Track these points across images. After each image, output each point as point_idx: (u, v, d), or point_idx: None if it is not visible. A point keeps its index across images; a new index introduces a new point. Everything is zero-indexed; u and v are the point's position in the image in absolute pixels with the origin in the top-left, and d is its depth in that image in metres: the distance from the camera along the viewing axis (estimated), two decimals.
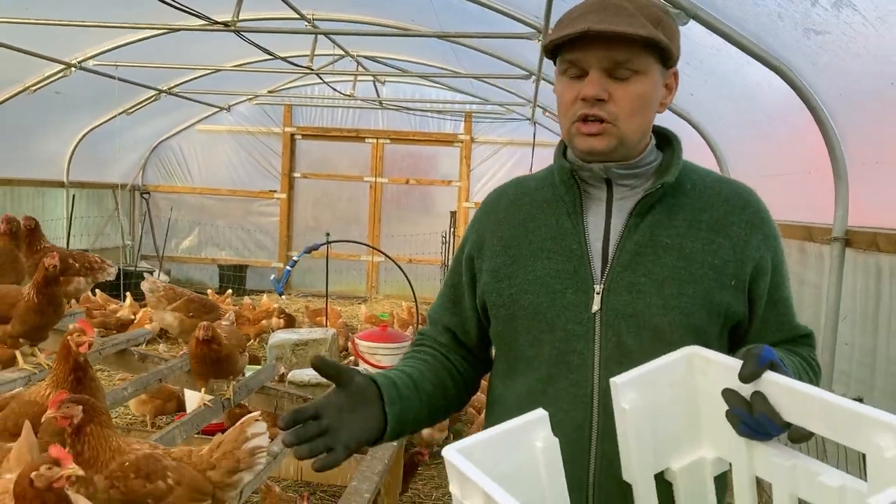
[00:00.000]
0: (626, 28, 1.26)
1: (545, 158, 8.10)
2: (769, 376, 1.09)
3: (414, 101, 10.81)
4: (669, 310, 1.34)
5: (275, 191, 11.54)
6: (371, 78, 9.88)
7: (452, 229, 10.30)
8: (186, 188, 11.63)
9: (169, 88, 9.52)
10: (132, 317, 7.46)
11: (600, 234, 1.40)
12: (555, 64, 1.40)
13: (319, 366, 1.29)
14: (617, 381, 1.17)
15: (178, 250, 11.58)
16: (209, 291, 8.55)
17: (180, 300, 4.14)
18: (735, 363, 1.13)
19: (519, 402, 1.40)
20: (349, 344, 5.85)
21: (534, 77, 6.75)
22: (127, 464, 1.83)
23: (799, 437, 1.09)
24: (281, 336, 5.49)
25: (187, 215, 11.57)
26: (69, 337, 2.21)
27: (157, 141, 11.49)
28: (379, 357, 5.61)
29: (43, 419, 1.82)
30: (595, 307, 1.36)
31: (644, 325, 1.35)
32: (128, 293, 8.20)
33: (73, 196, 9.56)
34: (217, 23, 5.38)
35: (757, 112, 4.36)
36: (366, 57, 9.14)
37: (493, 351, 1.58)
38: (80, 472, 1.61)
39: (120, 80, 8.01)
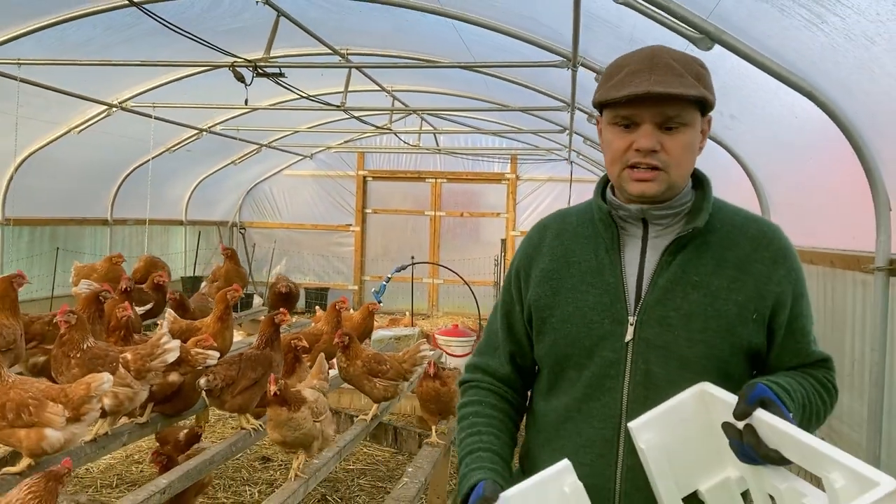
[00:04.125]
0: (680, 89, 1.40)
1: (581, 193, 10.02)
2: (759, 414, 1.26)
3: (467, 148, 12.80)
4: (695, 343, 1.46)
5: (350, 224, 13.60)
6: (432, 129, 11.91)
7: (503, 254, 12.19)
8: (276, 224, 13.77)
9: (269, 143, 11.69)
10: None
11: (635, 270, 1.53)
12: (600, 113, 1.54)
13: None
14: (633, 426, 1.33)
15: (270, 276, 13.68)
16: (317, 309, 10.61)
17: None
18: (734, 399, 1.30)
19: (557, 417, 1.59)
20: (430, 339, 7.81)
21: (567, 131, 8.68)
22: (370, 355, 3.84)
23: (772, 461, 1.25)
24: (381, 333, 7.50)
25: (277, 246, 13.69)
26: (337, 304, 4.30)
27: (252, 185, 13.68)
28: (453, 347, 7.56)
29: (322, 342, 3.89)
30: (628, 337, 1.49)
31: (671, 356, 1.47)
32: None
33: (199, 233, 11.77)
34: (334, 105, 7.46)
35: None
36: (429, 113, 11.18)
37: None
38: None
39: (240, 140, 10.20)
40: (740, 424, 1.27)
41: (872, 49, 2.56)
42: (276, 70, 5.99)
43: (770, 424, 1.24)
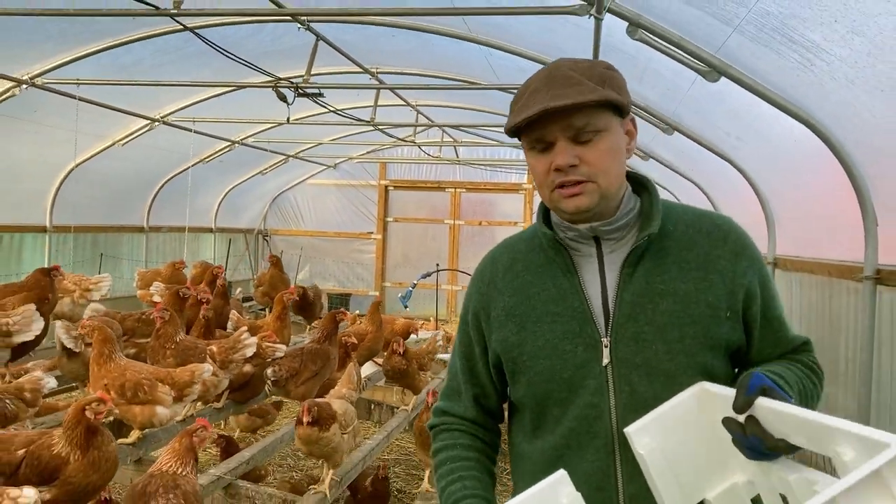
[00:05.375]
0: (578, 97, 1.36)
1: None
2: (760, 401, 1.20)
3: (486, 160, 13.26)
4: (675, 354, 1.42)
5: (371, 232, 14.08)
6: (453, 142, 12.39)
7: None
8: (300, 231, 14.28)
9: (295, 154, 12.19)
10: None
11: (598, 289, 1.48)
12: (520, 141, 1.49)
13: None
14: (629, 430, 1.30)
15: (294, 282, 14.17)
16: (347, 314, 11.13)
17: None
18: (734, 393, 1.24)
19: (545, 458, 1.51)
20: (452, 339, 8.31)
21: None
22: (415, 352, 4.35)
23: (780, 451, 1.18)
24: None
25: (301, 253, 14.21)
26: (377, 302, 4.80)
27: (277, 193, 14.20)
28: None
29: (367, 340, 4.39)
30: (605, 360, 1.44)
31: (654, 373, 1.42)
32: None
33: (230, 240, 12.26)
34: (364, 120, 7.95)
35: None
36: (450, 126, 11.65)
37: (508, 410, 1.69)
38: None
39: (271, 151, 10.71)
40: (741, 417, 1.21)
41: (853, 89, 3.00)
42: (316, 91, 6.48)
43: (772, 409, 1.19)
